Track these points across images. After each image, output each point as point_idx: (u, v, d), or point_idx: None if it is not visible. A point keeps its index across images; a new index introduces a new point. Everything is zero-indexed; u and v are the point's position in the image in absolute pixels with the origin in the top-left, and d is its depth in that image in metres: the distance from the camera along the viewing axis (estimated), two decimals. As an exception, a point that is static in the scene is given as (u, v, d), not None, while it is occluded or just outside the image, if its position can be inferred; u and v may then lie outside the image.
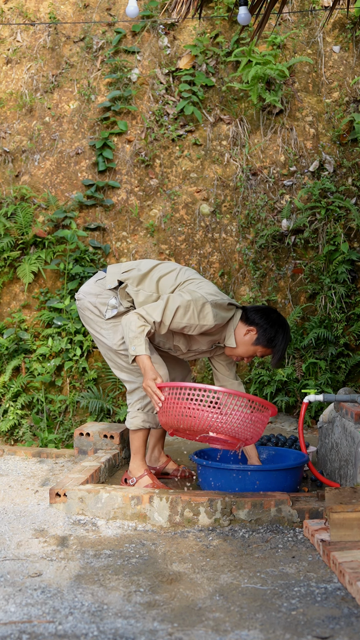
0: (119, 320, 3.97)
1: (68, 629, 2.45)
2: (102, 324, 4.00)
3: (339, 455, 4.05)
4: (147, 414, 3.95)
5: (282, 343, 3.94)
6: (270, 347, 3.96)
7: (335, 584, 2.82)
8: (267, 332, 3.92)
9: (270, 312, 3.99)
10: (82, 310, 4.08)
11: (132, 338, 3.70)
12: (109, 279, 4.01)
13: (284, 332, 3.96)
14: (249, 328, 3.93)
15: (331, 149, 6.19)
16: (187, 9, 4.36)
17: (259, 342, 3.94)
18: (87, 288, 4.08)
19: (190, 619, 2.54)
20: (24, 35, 6.69)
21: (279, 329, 3.94)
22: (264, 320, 3.93)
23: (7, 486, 4.30)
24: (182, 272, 3.99)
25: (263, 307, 4.04)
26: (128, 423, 3.99)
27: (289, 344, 5.70)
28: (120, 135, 6.37)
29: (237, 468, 3.77)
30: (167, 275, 3.96)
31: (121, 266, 4.08)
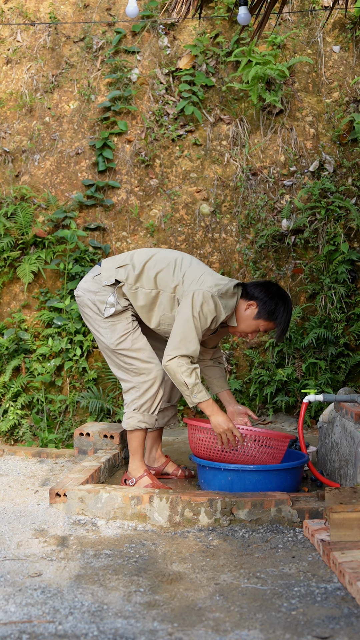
0: (117, 319, 3.96)
1: (68, 629, 2.45)
2: (100, 323, 3.99)
3: (339, 455, 4.05)
4: (143, 414, 3.93)
5: (283, 315, 3.92)
6: (272, 320, 3.93)
7: (335, 584, 2.82)
8: (268, 305, 3.90)
9: (270, 285, 3.97)
10: (82, 307, 4.08)
11: (191, 389, 3.77)
12: (104, 275, 3.98)
13: (285, 304, 3.93)
14: (249, 303, 3.92)
15: (331, 149, 6.19)
16: (187, 9, 4.36)
17: (260, 316, 3.92)
18: (85, 285, 4.06)
19: (190, 619, 2.54)
20: (24, 35, 6.69)
21: (279, 301, 3.91)
22: (263, 293, 3.91)
23: (7, 486, 4.29)
24: (179, 265, 3.94)
25: (262, 282, 4.02)
26: (124, 423, 3.97)
27: (286, 343, 5.71)
28: (120, 135, 6.37)
29: (237, 468, 3.77)
30: (164, 271, 3.92)
31: (115, 260, 4.03)
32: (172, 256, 4.00)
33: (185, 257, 4.00)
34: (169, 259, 3.97)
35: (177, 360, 3.76)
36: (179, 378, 3.77)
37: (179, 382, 3.78)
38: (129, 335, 3.94)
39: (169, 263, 3.95)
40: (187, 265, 3.95)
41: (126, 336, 3.94)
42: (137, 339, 3.95)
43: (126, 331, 3.94)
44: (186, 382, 3.76)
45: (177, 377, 3.78)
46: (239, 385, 5.73)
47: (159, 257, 3.98)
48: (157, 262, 3.95)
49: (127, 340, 3.93)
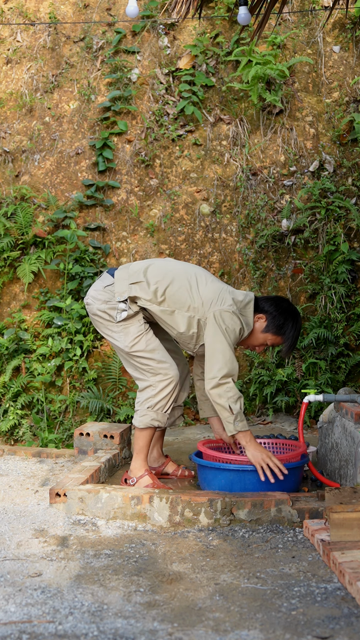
0: (129, 322, 3.97)
1: (68, 629, 2.45)
2: (113, 327, 4.01)
3: (339, 455, 4.05)
4: (157, 413, 3.94)
5: (291, 331, 3.96)
6: (280, 335, 3.97)
7: (335, 584, 2.82)
8: (277, 320, 3.95)
9: (281, 301, 4.03)
10: (92, 315, 4.08)
11: (235, 415, 3.76)
12: (117, 290, 3.97)
13: (294, 320, 3.97)
14: (258, 316, 3.97)
15: (331, 149, 6.19)
16: (187, 9, 4.36)
17: (268, 330, 3.96)
18: (96, 294, 4.05)
19: (190, 619, 2.54)
20: (24, 35, 6.69)
21: (288, 317, 3.96)
22: (273, 307, 3.96)
23: (7, 486, 4.29)
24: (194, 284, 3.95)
25: (274, 297, 4.08)
26: (137, 421, 3.97)
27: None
28: (120, 135, 6.37)
29: (237, 468, 3.77)
30: (180, 290, 3.93)
31: (129, 273, 4.01)
32: (187, 274, 4.01)
33: (200, 275, 4.02)
34: (184, 278, 3.98)
35: (225, 383, 3.78)
36: (224, 403, 3.77)
37: (223, 407, 3.78)
38: (142, 337, 3.96)
39: (183, 284, 3.96)
40: (203, 284, 3.97)
41: (139, 338, 3.96)
42: (150, 340, 3.97)
43: (139, 333, 3.96)
44: (232, 409, 3.77)
45: (222, 402, 3.78)
46: (239, 386, 5.73)
47: (174, 276, 3.98)
48: (172, 281, 3.96)
49: (141, 342, 3.95)
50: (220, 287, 3.97)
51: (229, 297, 3.91)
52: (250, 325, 3.95)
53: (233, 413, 3.77)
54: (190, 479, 4.24)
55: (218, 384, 3.78)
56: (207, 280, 3.99)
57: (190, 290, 3.94)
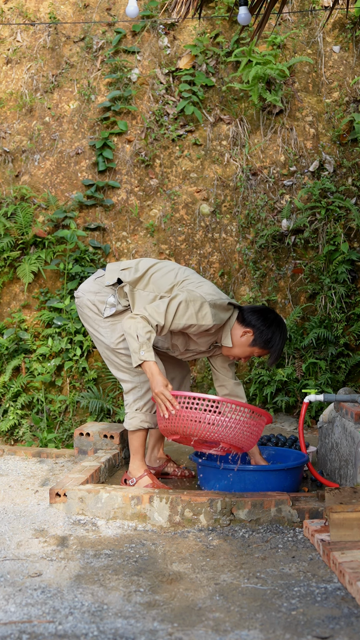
0: (117, 319, 3.97)
1: (68, 629, 2.45)
2: (100, 322, 4.00)
3: (339, 455, 4.05)
4: (145, 414, 3.94)
5: (278, 344, 3.93)
6: (267, 349, 3.94)
7: (335, 584, 2.82)
8: (264, 334, 3.90)
9: (267, 313, 3.96)
10: (81, 308, 4.08)
11: (141, 343, 3.64)
12: (107, 276, 4.01)
13: (281, 333, 3.94)
14: (245, 330, 3.91)
15: (331, 149, 6.19)
16: (187, 9, 4.35)
17: (255, 344, 3.92)
18: (86, 286, 4.09)
19: (190, 619, 2.54)
20: (24, 35, 6.69)
21: (275, 330, 3.92)
22: (260, 321, 3.90)
23: (7, 486, 4.30)
24: (181, 271, 3.99)
25: (260, 308, 4.01)
26: (126, 424, 3.97)
27: (287, 343, 5.71)
28: (120, 135, 6.37)
29: (237, 468, 3.77)
30: (165, 275, 3.95)
31: (120, 264, 4.08)
32: (176, 266, 4.05)
33: (188, 269, 4.06)
34: (172, 267, 4.02)
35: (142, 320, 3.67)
36: (132, 331, 3.64)
37: (131, 336, 3.65)
38: None
39: (171, 270, 3.99)
40: (190, 272, 4.00)
41: None
42: None
43: None
44: (138, 336, 3.64)
45: (131, 330, 3.65)
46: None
47: (162, 265, 4.03)
48: (160, 269, 3.99)
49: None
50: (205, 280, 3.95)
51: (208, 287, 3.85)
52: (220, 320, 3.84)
53: (139, 340, 3.64)
54: (191, 479, 4.24)
55: (131, 317, 3.69)
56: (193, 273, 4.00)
57: (175, 277, 3.94)
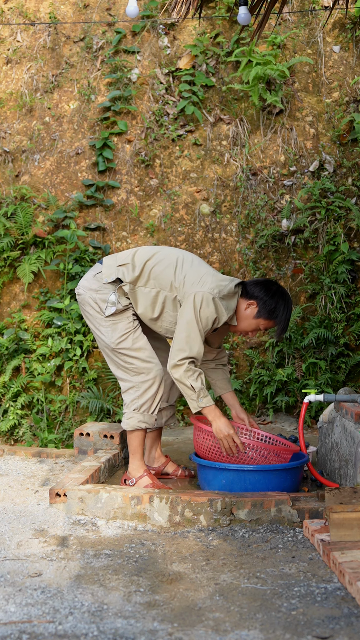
0: (118, 318, 3.96)
1: (68, 629, 2.45)
2: (101, 321, 3.99)
3: (339, 455, 4.05)
4: (143, 414, 3.93)
5: (283, 313, 3.93)
6: (272, 319, 3.94)
7: (335, 584, 2.82)
8: (268, 304, 3.90)
9: (270, 284, 3.97)
10: (83, 305, 4.07)
11: (197, 392, 3.77)
12: (105, 272, 3.97)
13: (285, 302, 3.94)
14: (249, 302, 3.91)
15: (331, 149, 6.19)
16: (187, 9, 4.35)
17: (260, 315, 3.92)
18: (87, 283, 4.05)
19: (190, 619, 2.54)
20: (24, 35, 6.69)
21: (279, 300, 3.92)
22: (263, 292, 3.91)
23: (7, 486, 4.30)
24: (180, 265, 3.93)
25: (262, 280, 4.01)
26: (124, 424, 3.96)
27: (287, 343, 5.71)
28: (120, 135, 6.37)
29: (237, 468, 3.77)
30: (165, 270, 3.91)
31: (117, 257, 4.01)
32: (174, 255, 3.98)
33: (187, 257, 3.99)
34: (171, 258, 3.96)
35: (184, 363, 3.76)
36: (185, 381, 3.78)
37: (185, 385, 3.78)
38: (130, 335, 3.94)
39: (170, 262, 3.94)
40: (188, 265, 3.94)
41: (127, 335, 3.94)
42: (137, 339, 3.95)
43: (127, 330, 3.94)
44: (193, 386, 3.77)
45: (184, 381, 3.78)
46: (239, 385, 5.73)
47: (160, 256, 3.97)
48: (158, 262, 3.94)
49: (127, 340, 3.93)
50: (205, 269, 3.93)
51: (210, 280, 3.85)
52: (232, 310, 3.88)
53: (195, 390, 3.76)
54: (191, 479, 4.24)
55: (176, 364, 3.76)
56: (192, 262, 3.96)
57: (174, 271, 3.91)
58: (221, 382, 4.26)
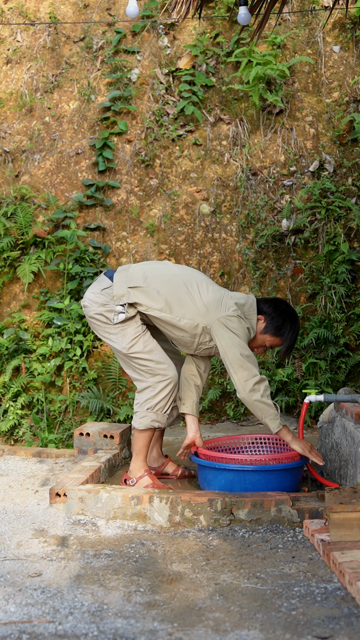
0: (126, 324, 3.97)
1: (68, 629, 2.45)
2: (110, 329, 4.00)
3: (339, 455, 4.05)
4: (156, 414, 3.94)
5: (290, 332, 4.00)
6: (278, 336, 4.01)
7: (335, 584, 2.82)
8: (275, 321, 3.98)
9: (279, 303, 4.07)
10: (90, 318, 4.08)
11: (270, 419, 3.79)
12: (116, 293, 3.95)
13: (292, 322, 4.01)
14: (257, 317, 3.99)
15: (331, 149, 6.19)
16: (187, 9, 4.35)
17: (267, 331, 4.00)
18: (93, 297, 4.04)
19: (190, 619, 2.54)
20: (24, 35, 6.69)
21: (286, 318, 4.01)
22: (272, 309, 4.00)
23: (7, 486, 4.30)
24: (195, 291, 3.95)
25: (272, 298, 4.13)
26: (137, 423, 3.96)
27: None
28: (120, 135, 6.37)
29: (237, 468, 3.77)
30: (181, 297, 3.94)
31: (127, 277, 3.99)
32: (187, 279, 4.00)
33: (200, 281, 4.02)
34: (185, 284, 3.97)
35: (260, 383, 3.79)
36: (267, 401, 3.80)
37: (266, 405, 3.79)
38: (140, 338, 3.96)
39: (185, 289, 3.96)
40: (204, 290, 3.97)
41: (137, 339, 3.95)
42: (148, 341, 3.97)
43: (136, 334, 3.96)
44: (276, 406, 3.83)
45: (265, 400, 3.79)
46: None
47: (175, 283, 3.97)
48: (173, 288, 3.96)
49: (138, 343, 3.95)
50: (222, 293, 3.99)
51: (231, 303, 3.94)
52: (254, 328, 3.98)
53: (277, 409, 3.83)
54: (191, 479, 4.24)
55: (254, 388, 3.79)
56: (207, 287, 4.00)
57: (192, 298, 3.94)
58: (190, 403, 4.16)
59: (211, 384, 5.81)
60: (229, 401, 5.78)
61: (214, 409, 5.81)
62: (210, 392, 5.71)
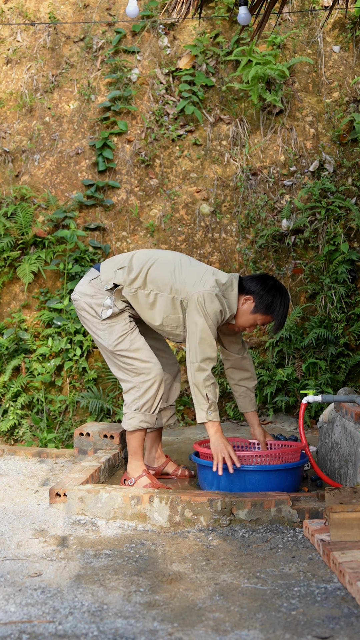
0: (114, 321, 3.95)
1: (68, 629, 2.45)
2: (98, 325, 3.99)
3: (339, 455, 4.05)
4: (144, 414, 3.93)
5: (280, 308, 3.94)
6: (269, 314, 3.95)
7: (335, 584, 2.82)
8: (264, 299, 3.91)
9: (266, 279, 3.99)
10: (79, 310, 4.07)
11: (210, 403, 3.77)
12: (104, 278, 3.96)
13: (282, 297, 3.95)
14: (245, 297, 3.93)
15: (331, 149, 6.19)
16: (187, 9, 4.35)
17: (257, 310, 3.93)
18: (82, 288, 4.04)
19: (190, 619, 2.54)
20: (24, 35, 6.69)
21: (276, 294, 3.93)
22: (260, 287, 3.93)
23: (7, 486, 4.30)
24: (178, 266, 3.93)
25: (258, 275, 4.04)
26: (125, 424, 3.96)
27: (287, 343, 5.71)
28: (120, 135, 6.37)
29: (237, 468, 3.77)
30: (162, 272, 3.90)
31: (114, 261, 4.01)
32: (171, 258, 3.99)
33: (184, 258, 4.01)
34: (168, 261, 3.96)
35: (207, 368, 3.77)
36: (202, 389, 3.78)
37: (200, 392, 3.78)
38: (127, 336, 3.94)
39: (168, 265, 3.94)
40: (186, 265, 3.95)
41: (124, 337, 3.94)
42: (135, 340, 3.95)
43: (124, 332, 3.94)
44: (208, 396, 3.78)
45: (200, 387, 3.78)
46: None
47: (157, 259, 3.97)
48: (155, 264, 3.94)
49: (125, 341, 3.93)
50: (204, 268, 3.94)
51: (211, 279, 3.87)
52: (233, 308, 3.90)
53: (208, 401, 3.77)
54: (191, 479, 4.24)
55: (199, 368, 3.76)
56: (190, 262, 3.97)
57: (173, 272, 3.90)
58: (243, 401, 4.26)
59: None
60: (229, 401, 5.78)
61: (214, 409, 5.80)
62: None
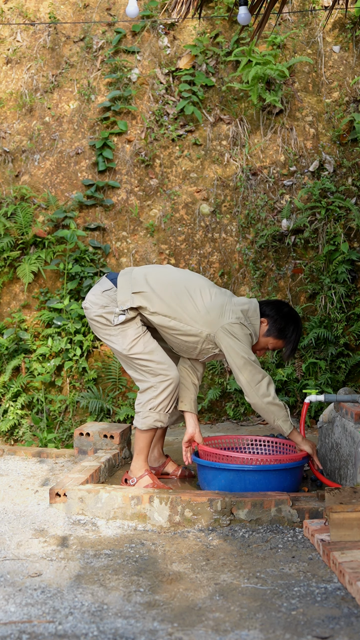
0: (127, 325, 3.97)
1: (68, 629, 2.45)
2: (110, 331, 4.00)
3: (339, 455, 4.05)
4: (159, 413, 3.94)
5: (292, 334, 4.02)
6: (281, 339, 4.03)
7: (335, 584, 2.82)
8: (278, 323, 3.99)
9: (282, 305, 4.08)
10: (90, 320, 4.08)
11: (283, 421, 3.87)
12: (120, 299, 3.95)
13: (295, 324, 4.03)
14: (260, 320, 4.00)
15: (331, 149, 6.19)
16: (187, 9, 4.36)
17: (269, 334, 4.00)
18: (94, 298, 4.04)
19: (190, 619, 2.54)
20: (24, 35, 6.69)
21: (289, 320, 4.02)
22: (274, 311, 4.01)
23: (7, 486, 4.30)
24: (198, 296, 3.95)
25: (274, 301, 4.13)
26: (139, 423, 3.96)
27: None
28: (120, 135, 6.37)
29: (237, 468, 3.77)
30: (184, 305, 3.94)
31: (131, 282, 3.99)
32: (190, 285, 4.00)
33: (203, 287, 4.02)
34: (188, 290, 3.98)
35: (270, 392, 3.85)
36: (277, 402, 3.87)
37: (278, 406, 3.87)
38: (140, 339, 3.96)
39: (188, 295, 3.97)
40: (207, 297, 3.97)
41: (137, 340, 3.95)
42: (148, 342, 3.97)
43: (137, 335, 3.96)
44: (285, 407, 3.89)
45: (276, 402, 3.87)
46: (239, 386, 5.73)
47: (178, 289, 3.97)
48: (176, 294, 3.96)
49: (138, 344, 3.95)
50: (224, 299, 3.99)
51: (235, 309, 3.94)
52: (257, 333, 3.99)
53: (287, 410, 3.89)
54: (191, 479, 4.24)
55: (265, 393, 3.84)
56: (210, 292, 4.00)
57: (195, 304, 3.94)
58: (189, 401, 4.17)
59: (211, 384, 5.81)
60: (229, 401, 5.78)
61: (213, 409, 5.81)
62: (210, 392, 5.71)
